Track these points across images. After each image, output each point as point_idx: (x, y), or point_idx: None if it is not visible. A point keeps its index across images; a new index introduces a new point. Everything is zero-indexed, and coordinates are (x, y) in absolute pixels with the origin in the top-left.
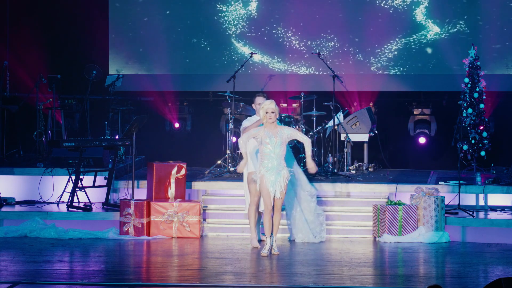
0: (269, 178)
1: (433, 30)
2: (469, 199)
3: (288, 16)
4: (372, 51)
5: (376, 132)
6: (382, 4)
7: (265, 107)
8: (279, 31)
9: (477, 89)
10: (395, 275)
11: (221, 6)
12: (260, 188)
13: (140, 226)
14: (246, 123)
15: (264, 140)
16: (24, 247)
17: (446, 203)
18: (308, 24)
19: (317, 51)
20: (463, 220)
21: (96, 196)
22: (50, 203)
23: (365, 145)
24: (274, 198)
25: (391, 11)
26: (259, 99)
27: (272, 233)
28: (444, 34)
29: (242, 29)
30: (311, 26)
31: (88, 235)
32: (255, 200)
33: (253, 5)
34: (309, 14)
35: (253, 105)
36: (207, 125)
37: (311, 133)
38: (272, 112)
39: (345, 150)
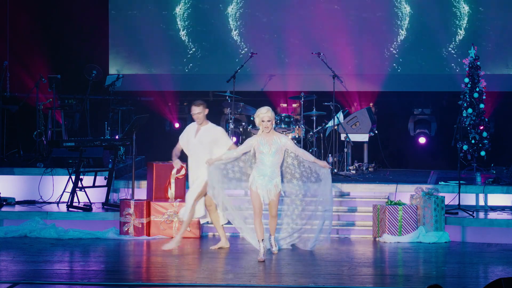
0: (260, 183)
1: (433, 30)
2: (469, 199)
3: (289, 16)
4: (372, 51)
5: (376, 132)
6: (382, 4)
7: (260, 115)
8: (279, 31)
9: (477, 89)
10: (395, 275)
11: (221, 6)
12: (251, 193)
13: (140, 226)
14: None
15: (258, 149)
16: (24, 247)
17: (446, 203)
18: (308, 23)
19: (317, 51)
20: (463, 220)
21: (96, 196)
22: (50, 203)
23: (365, 145)
24: (269, 203)
25: (391, 11)
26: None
27: (265, 237)
28: (444, 34)
29: (242, 29)
30: (311, 25)
31: (88, 235)
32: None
33: (253, 5)
34: (309, 14)
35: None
36: None
37: (311, 133)
38: (269, 121)
39: (345, 150)
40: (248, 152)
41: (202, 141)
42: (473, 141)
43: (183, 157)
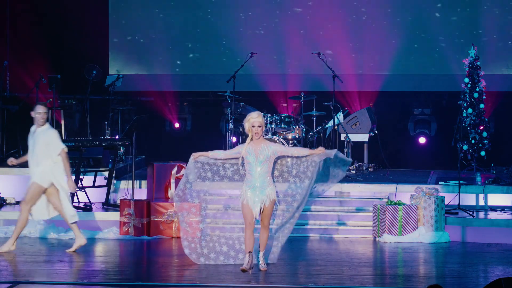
0: (251, 197)
1: (433, 30)
2: (469, 199)
3: (288, 16)
4: (372, 51)
5: (376, 132)
6: (382, 4)
7: (251, 120)
8: (280, 31)
9: (477, 89)
10: (395, 275)
11: (222, 6)
12: (241, 205)
13: (140, 226)
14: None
15: (246, 158)
16: (24, 247)
17: (446, 203)
18: (308, 23)
19: (317, 51)
20: (463, 220)
21: (96, 196)
22: None
23: (365, 145)
24: (261, 216)
25: (391, 11)
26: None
27: (256, 249)
28: (444, 34)
29: (242, 29)
30: (311, 25)
31: (88, 235)
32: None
33: (253, 5)
34: (309, 14)
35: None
36: (207, 125)
37: (311, 133)
38: (259, 126)
39: (345, 150)
40: (235, 158)
41: (36, 142)
42: (473, 141)
43: (182, 157)
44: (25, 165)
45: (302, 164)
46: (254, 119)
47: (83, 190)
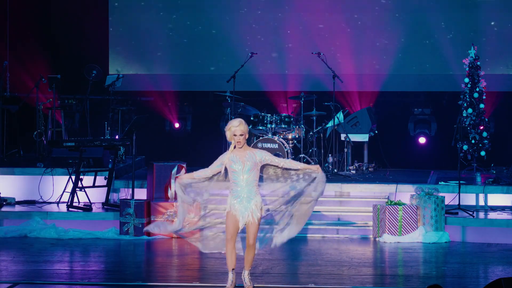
0: (237, 208)
1: (433, 30)
2: (469, 199)
3: (289, 16)
4: (372, 51)
5: (376, 132)
6: (382, 4)
7: (232, 128)
8: (280, 31)
9: (477, 89)
10: (395, 275)
11: (222, 6)
12: (226, 216)
13: (140, 226)
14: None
15: (230, 167)
16: (24, 247)
17: (446, 203)
18: (308, 23)
19: (317, 51)
20: (463, 220)
21: (96, 196)
22: (50, 203)
23: (365, 145)
24: (247, 227)
25: (391, 11)
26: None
27: (239, 268)
28: (444, 34)
29: (243, 29)
30: (311, 25)
31: (88, 235)
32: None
33: (253, 5)
34: (310, 14)
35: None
36: (207, 125)
37: (311, 133)
38: (241, 135)
39: (345, 150)
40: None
41: None
42: (473, 141)
43: (182, 157)
44: (25, 165)
45: (290, 177)
46: (235, 128)
47: (83, 190)
